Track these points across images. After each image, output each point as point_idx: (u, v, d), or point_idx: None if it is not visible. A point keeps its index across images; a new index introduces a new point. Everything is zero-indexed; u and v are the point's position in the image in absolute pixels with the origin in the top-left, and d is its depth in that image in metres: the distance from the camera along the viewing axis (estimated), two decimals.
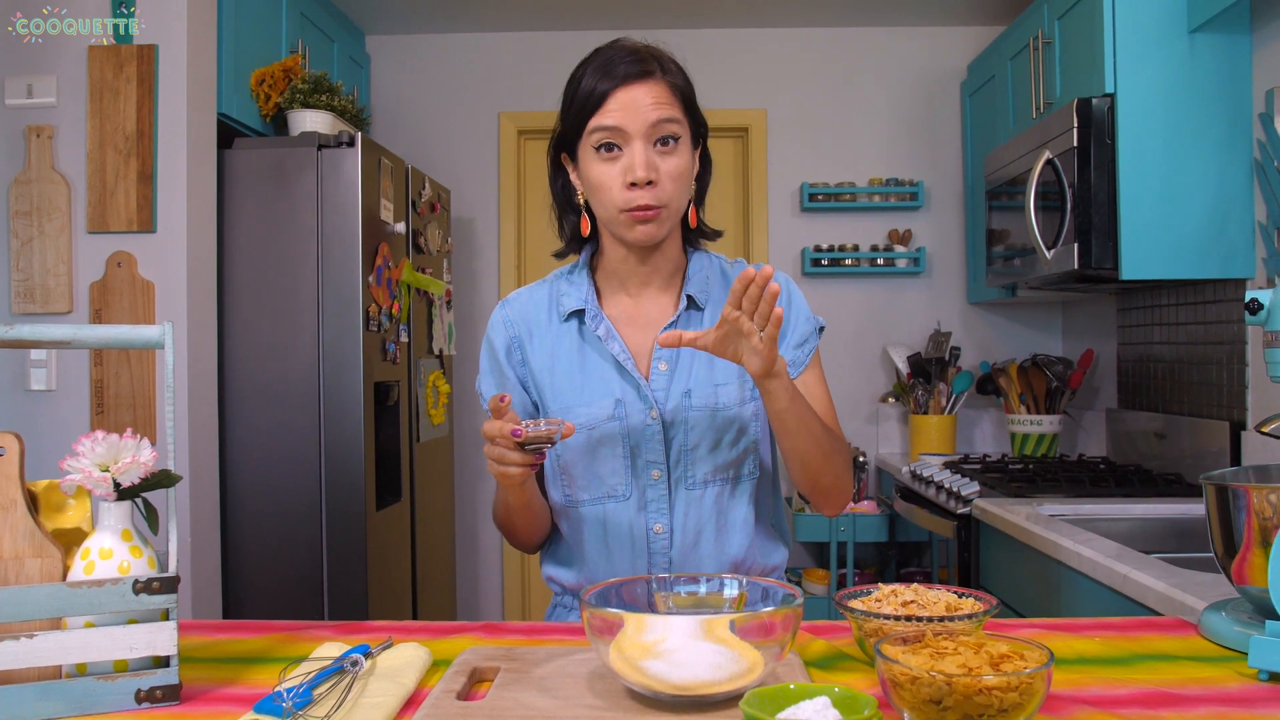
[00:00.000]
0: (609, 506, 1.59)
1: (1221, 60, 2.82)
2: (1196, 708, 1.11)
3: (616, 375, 1.58)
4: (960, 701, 0.99)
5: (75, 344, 1.21)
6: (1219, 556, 1.36)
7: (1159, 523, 2.64)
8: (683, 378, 1.58)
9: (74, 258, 2.89)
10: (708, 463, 1.58)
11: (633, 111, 1.47)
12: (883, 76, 4.47)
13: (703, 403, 1.57)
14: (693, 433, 1.57)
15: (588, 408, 1.57)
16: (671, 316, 1.61)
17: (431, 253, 3.79)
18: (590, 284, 1.63)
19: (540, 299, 1.66)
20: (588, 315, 1.60)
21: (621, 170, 1.49)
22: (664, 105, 1.49)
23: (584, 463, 1.58)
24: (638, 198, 1.48)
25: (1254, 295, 1.40)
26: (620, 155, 1.49)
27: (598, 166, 1.51)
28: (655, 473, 1.57)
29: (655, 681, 1.07)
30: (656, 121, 1.48)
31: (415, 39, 4.54)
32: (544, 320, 1.64)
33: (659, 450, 1.57)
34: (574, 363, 1.60)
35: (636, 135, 1.48)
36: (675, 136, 1.50)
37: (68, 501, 1.26)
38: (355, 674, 1.15)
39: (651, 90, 1.49)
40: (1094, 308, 4.05)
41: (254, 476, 3.12)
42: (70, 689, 1.11)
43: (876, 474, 4.37)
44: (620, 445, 1.57)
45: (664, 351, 1.59)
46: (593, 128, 1.49)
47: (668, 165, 1.49)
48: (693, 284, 1.62)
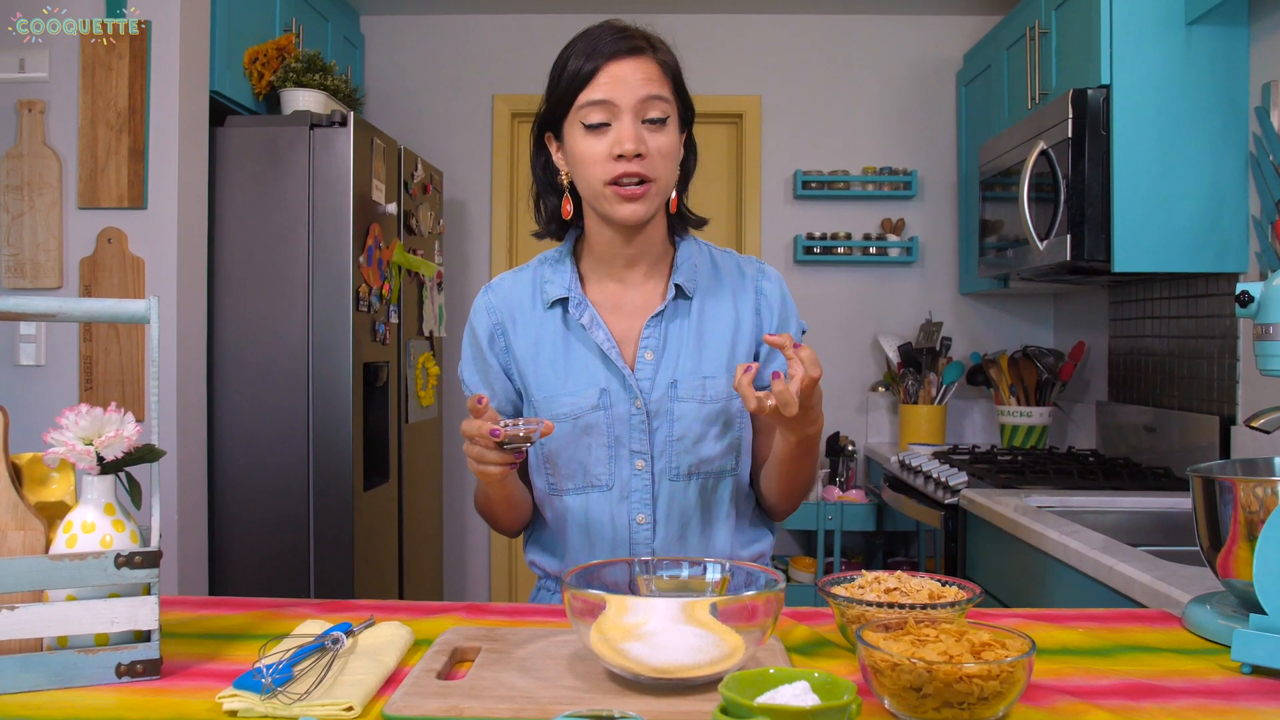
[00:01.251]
0: (591, 496, 1.57)
1: (1218, 53, 2.81)
2: (1178, 699, 1.11)
3: (601, 364, 1.56)
4: (940, 689, 0.99)
5: (61, 317, 1.20)
6: (1204, 549, 1.36)
7: (1146, 516, 2.64)
8: (669, 367, 1.56)
9: (64, 233, 2.88)
10: (693, 455, 1.56)
11: (623, 85, 1.46)
12: (878, 65, 4.46)
13: (689, 394, 1.55)
14: (678, 424, 1.55)
15: (572, 397, 1.55)
16: (659, 304, 1.58)
17: (423, 234, 3.78)
18: (574, 271, 1.61)
19: (524, 285, 1.63)
20: (571, 303, 1.57)
21: (609, 144, 1.46)
22: (654, 82, 1.48)
23: (567, 452, 1.56)
24: (625, 168, 1.46)
25: (1244, 288, 1.40)
26: (608, 131, 1.47)
27: (585, 141, 1.49)
28: (639, 463, 1.55)
29: (635, 664, 1.07)
30: (646, 97, 1.47)
31: (410, 20, 4.51)
32: (528, 306, 1.61)
33: (643, 440, 1.55)
34: (558, 351, 1.58)
35: (626, 109, 1.46)
36: (664, 116, 1.49)
37: (51, 475, 1.26)
38: (336, 652, 1.15)
39: (641, 66, 1.48)
40: (1085, 300, 4.05)
41: (242, 455, 3.12)
42: (51, 661, 1.10)
43: (865, 463, 4.38)
44: (604, 434, 1.55)
45: (650, 340, 1.56)
46: (582, 102, 1.47)
47: (656, 141, 1.48)
48: (681, 272, 1.60)
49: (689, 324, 1.58)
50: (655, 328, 1.57)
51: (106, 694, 1.10)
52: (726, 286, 1.62)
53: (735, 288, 1.62)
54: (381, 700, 1.08)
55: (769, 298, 1.63)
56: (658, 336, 1.57)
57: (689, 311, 1.59)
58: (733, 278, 1.63)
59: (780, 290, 1.65)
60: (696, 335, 1.58)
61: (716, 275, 1.63)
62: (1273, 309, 1.36)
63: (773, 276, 1.66)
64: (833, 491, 3.99)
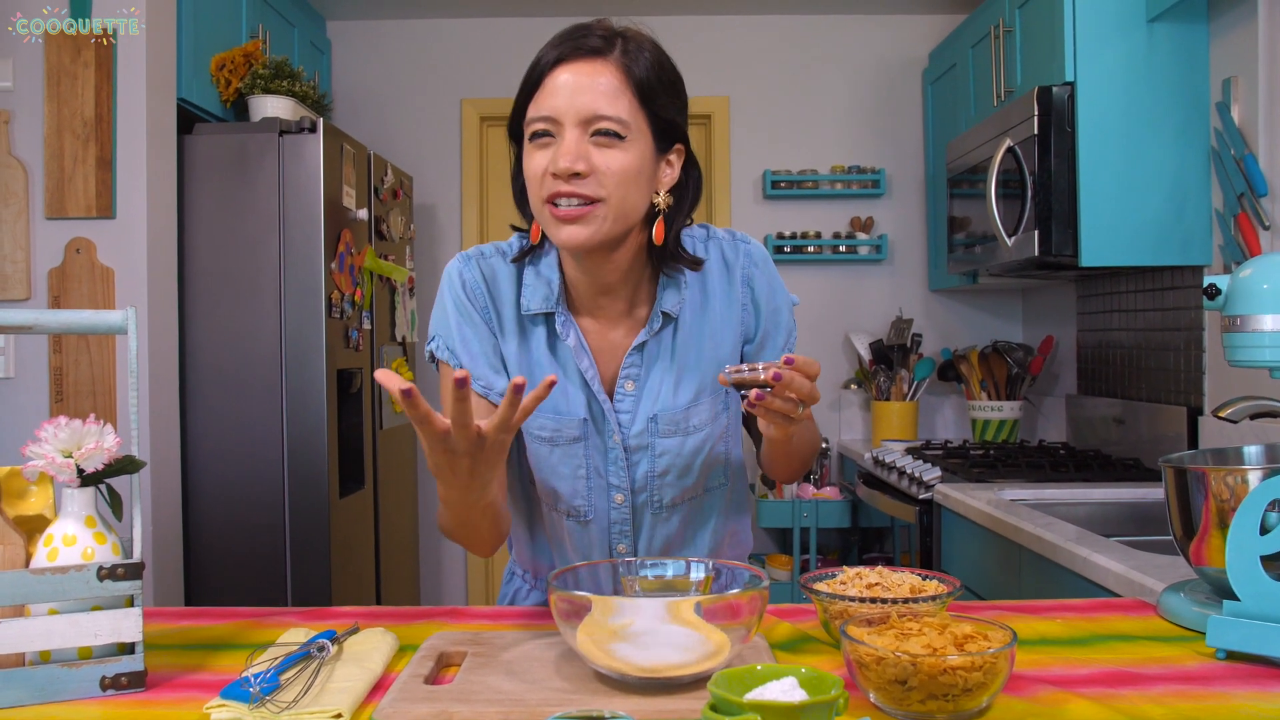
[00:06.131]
0: (569, 524, 1.50)
1: (1180, 49, 2.85)
2: (1156, 686, 1.13)
3: (582, 391, 1.44)
4: (925, 681, 1.00)
5: (37, 329, 1.20)
6: (1178, 538, 1.38)
7: (1117, 507, 2.67)
8: (650, 400, 1.45)
9: (32, 244, 2.85)
10: (675, 488, 1.49)
11: (566, 96, 1.29)
12: (845, 64, 4.49)
13: (670, 428, 1.45)
14: (660, 460, 1.46)
15: (554, 420, 1.44)
16: (640, 333, 1.44)
17: (394, 239, 3.77)
18: (561, 282, 1.44)
19: (504, 277, 1.47)
20: (557, 321, 1.43)
21: (549, 158, 1.30)
22: (607, 95, 1.29)
23: (543, 474, 1.47)
24: (559, 187, 1.29)
25: (1211, 280, 1.42)
26: (551, 144, 1.30)
27: (528, 154, 1.33)
28: (619, 497, 1.48)
29: (622, 664, 1.07)
30: (594, 115, 1.29)
31: (376, 25, 4.50)
32: (511, 300, 1.46)
33: (622, 476, 1.47)
34: (542, 366, 1.44)
35: (567, 122, 1.29)
36: (617, 130, 1.29)
37: (29, 488, 1.25)
38: (322, 659, 1.15)
39: (595, 71, 1.30)
40: (1054, 295, 4.09)
41: (216, 464, 3.10)
42: (34, 676, 1.10)
43: (839, 460, 4.40)
44: (583, 465, 1.45)
45: (631, 370, 1.45)
46: (529, 114, 1.32)
47: (605, 157, 1.29)
48: (665, 299, 1.44)
49: (672, 354, 1.46)
50: (637, 358, 1.45)
51: (91, 708, 1.09)
52: (715, 294, 1.48)
53: (724, 293, 1.49)
54: (370, 706, 1.08)
55: (757, 290, 1.50)
56: (639, 366, 1.45)
57: (672, 339, 1.46)
58: (720, 284, 1.49)
59: (767, 280, 1.51)
60: (679, 366, 1.46)
61: (704, 286, 1.48)
62: (1239, 301, 1.38)
63: (758, 259, 1.51)
64: (807, 489, 4.01)
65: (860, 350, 4.30)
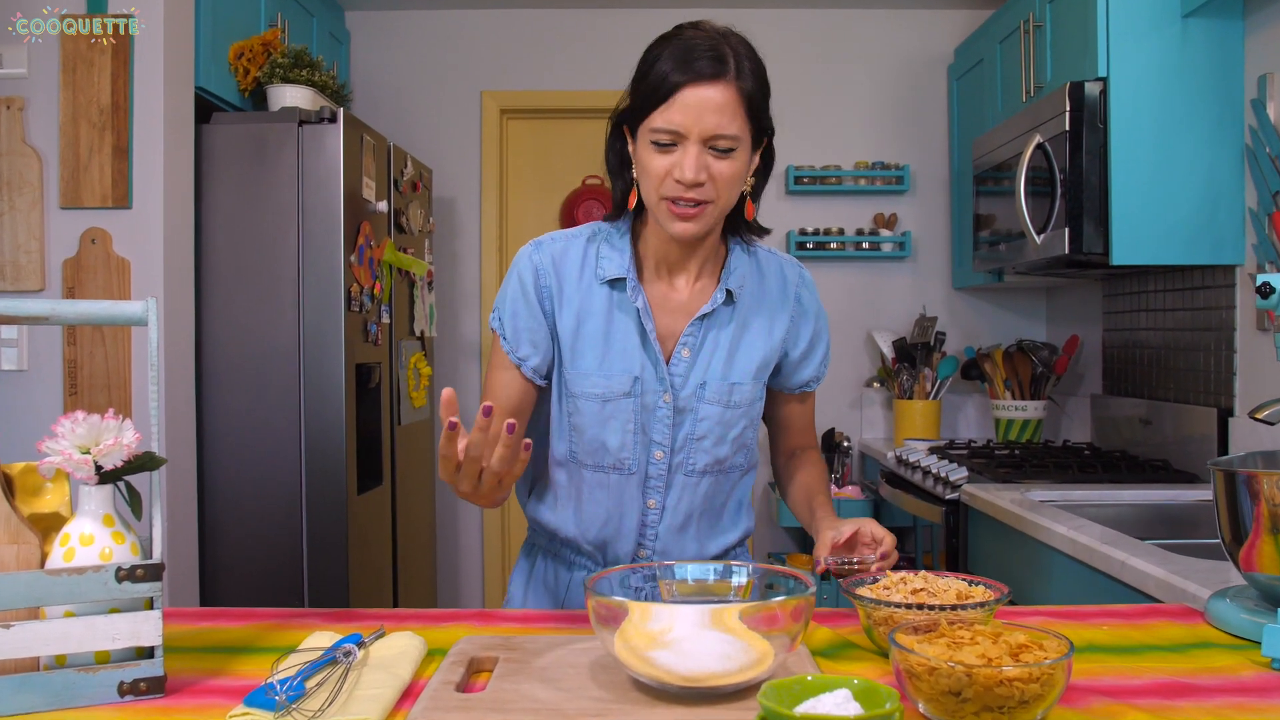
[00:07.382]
0: (612, 476, 1.61)
1: (1214, 45, 2.80)
2: (1214, 698, 1.10)
3: (639, 351, 1.58)
4: (980, 693, 0.96)
5: (54, 320, 1.16)
6: (1226, 543, 1.35)
7: (1148, 509, 2.63)
8: (701, 369, 1.60)
9: (46, 234, 2.82)
10: (709, 455, 1.62)
11: (694, 116, 1.44)
12: (869, 59, 4.44)
13: (715, 396, 1.60)
14: (701, 424, 1.60)
15: (606, 378, 1.57)
16: (705, 304, 1.60)
17: (413, 233, 3.73)
18: (633, 254, 1.61)
19: (574, 255, 1.62)
20: (628, 285, 1.58)
21: (671, 163, 1.46)
22: (726, 115, 1.45)
23: (593, 430, 1.59)
24: (682, 193, 1.46)
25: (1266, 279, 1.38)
26: (673, 151, 1.46)
27: (649, 155, 1.48)
28: (659, 453, 1.60)
29: (663, 672, 1.03)
30: (715, 135, 1.44)
31: (396, 15, 4.46)
32: (575, 277, 1.61)
33: (666, 433, 1.59)
34: (599, 330, 1.58)
35: (693, 139, 1.44)
36: (732, 146, 1.46)
37: (45, 485, 1.21)
38: (349, 665, 1.11)
39: (719, 95, 1.44)
40: (1079, 294, 4.04)
41: (232, 460, 3.06)
42: (49, 681, 1.06)
43: (860, 459, 4.35)
44: (631, 421, 1.58)
45: (690, 338, 1.59)
46: (654, 122, 1.46)
47: (719, 167, 1.46)
48: (733, 277, 1.62)
49: (727, 331, 1.61)
50: (697, 327, 1.60)
51: (109, 714, 1.06)
52: (770, 295, 1.66)
53: (778, 297, 1.67)
54: (400, 715, 1.04)
55: (806, 309, 1.69)
56: (697, 336, 1.60)
57: (729, 318, 1.62)
58: (776, 285, 1.67)
59: (816, 303, 1.71)
60: (732, 342, 1.61)
61: (762, 282, 1.66)
62: None
63: (810, 284, 1.71)
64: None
65: (883, 348, 4.25)
